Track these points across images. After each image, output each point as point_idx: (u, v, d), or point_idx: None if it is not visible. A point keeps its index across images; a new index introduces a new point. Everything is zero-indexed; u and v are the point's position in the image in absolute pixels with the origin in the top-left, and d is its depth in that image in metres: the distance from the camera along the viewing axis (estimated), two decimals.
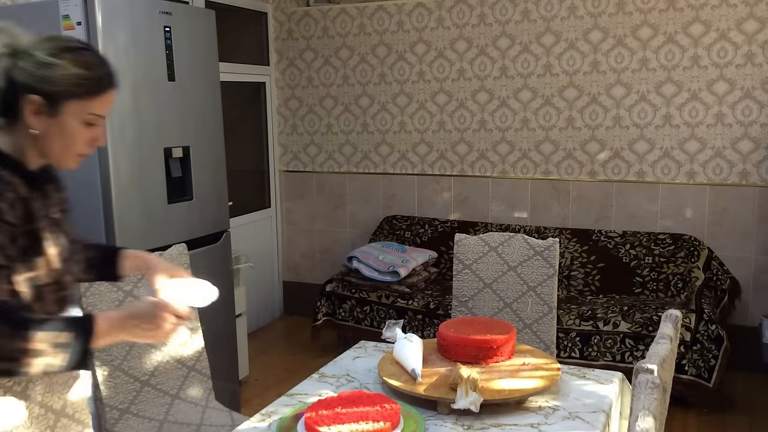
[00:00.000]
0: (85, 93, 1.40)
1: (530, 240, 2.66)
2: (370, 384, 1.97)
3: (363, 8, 4.79)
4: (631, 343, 3.52)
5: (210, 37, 3.27)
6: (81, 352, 1.32)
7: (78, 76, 1.38)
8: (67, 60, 1.38)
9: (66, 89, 1.38)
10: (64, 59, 1.38)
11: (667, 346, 1.64)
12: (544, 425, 1.70)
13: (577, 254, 4.23)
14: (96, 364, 2.10)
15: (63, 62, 1.38)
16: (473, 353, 1.99)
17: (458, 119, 4.65)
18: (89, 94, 1.40)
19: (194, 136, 3.16)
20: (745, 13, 3.90)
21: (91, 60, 1.42)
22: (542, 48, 4.36)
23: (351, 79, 4.90)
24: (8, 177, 1.35)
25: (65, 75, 1.37)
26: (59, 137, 1.41)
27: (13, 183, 1.36)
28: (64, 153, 1.44)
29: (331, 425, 1.55)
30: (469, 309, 2.71)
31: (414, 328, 3.99)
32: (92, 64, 1.41)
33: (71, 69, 1.38)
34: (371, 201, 5.00)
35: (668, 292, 3.95)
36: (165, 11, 2.99)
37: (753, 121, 3.97)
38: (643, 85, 4.16)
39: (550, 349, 2.59)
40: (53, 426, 1.47)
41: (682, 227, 4.18)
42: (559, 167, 4.44)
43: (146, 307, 1.42)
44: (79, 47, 1.42)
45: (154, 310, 1.40)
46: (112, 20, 2.76)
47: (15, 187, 1.36)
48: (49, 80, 1.37)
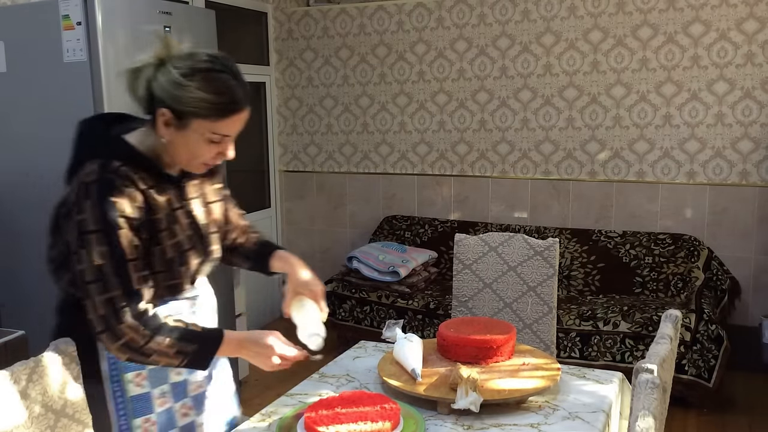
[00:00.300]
0: (210, 116, 1.46)
1: (530, 240, 2.66)
2: (370, 384, 1.97)
3: (363, 8, 4.79)
4: (631, 343, 3.52)
5: (210, 37, 3.27)
6: (201, 361, 1.52)
7: (203, 100, 1.44)
8: (196, 82, 1.43)
9: (192, 110, 1.45)
10: (194, 81, 1.43)
11: (667, 346, 1.64)
12: (544, 425, 1.70)
13: (577, 254, 4.23)
14: None
15: (192, 84, 1.43)
16: (473, 353, 1.98)
17: (458, 119, 4.65)
18: (214, 116, 1.46)
19: None
20: (745, 13, 3.90)
21: (220, 84, 1.45)
22: (542, 48, 4.36)
23: (351, 79, 4.90)
24: (126, 172, 1.46)
25: (192, 97, 1.44)
26: (185, 148, 1.51)
27: (131, 178, 1.47)
28: (189, 161, 1.55)
29: (331, 425, 1.55)
30: (469, 309, 2.71)
31: (414, 328, 3.99)
32: (219, 90, 1.45)
33: (198, 93, 1.43)
34: (371, 201, 5.00)
35: (668, 292, 3.95)
36: (165, 11, 2.99)
37: (753, 121, 3.97)
38: (643, 85, 4.16)
39: (550, 349, 2.59)
40: (53, 426, 1.47)
41: (682, 227, 4.18)
42: (559, 167, 4.44)
43: (264, 339, 1.55)
44: (211, 69, 1.46)
45: (266, 345, 1.54)
46: (112, 20, 2.76)
47: (134, 181, 1.47)
48: (177, 99, 1.44)
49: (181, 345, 1.46)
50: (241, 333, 1.56)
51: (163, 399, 1.63)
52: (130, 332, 1.43)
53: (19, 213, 3.00)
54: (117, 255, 1.44)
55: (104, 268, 1.43)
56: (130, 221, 1.46)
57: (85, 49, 2.73)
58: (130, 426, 1.59)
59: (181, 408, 1.67)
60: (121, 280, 1.44)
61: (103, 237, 1.43)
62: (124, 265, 1.44)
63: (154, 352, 1.45)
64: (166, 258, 1.54)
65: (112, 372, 1.57)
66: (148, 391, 1.60)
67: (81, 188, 1.46)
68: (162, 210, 1.53)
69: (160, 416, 1.62)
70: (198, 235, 1.63)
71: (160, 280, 1.55)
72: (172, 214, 1.56)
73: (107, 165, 1.46)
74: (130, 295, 1.45)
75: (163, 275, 1.55)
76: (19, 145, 2.96)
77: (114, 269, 1.44)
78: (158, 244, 1.52)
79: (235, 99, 1.47)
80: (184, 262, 1.59)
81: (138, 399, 1.59)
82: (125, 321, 1.43)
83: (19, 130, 2.94)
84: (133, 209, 1.46)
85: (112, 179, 1.45)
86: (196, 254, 1.62)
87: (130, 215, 1.45)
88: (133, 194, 1.46)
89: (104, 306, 1.43)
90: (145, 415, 1.60)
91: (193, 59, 1.46)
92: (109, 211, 1.43)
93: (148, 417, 1.61)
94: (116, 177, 1.45)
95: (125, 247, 1.44)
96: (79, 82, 2.77)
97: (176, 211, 1.58)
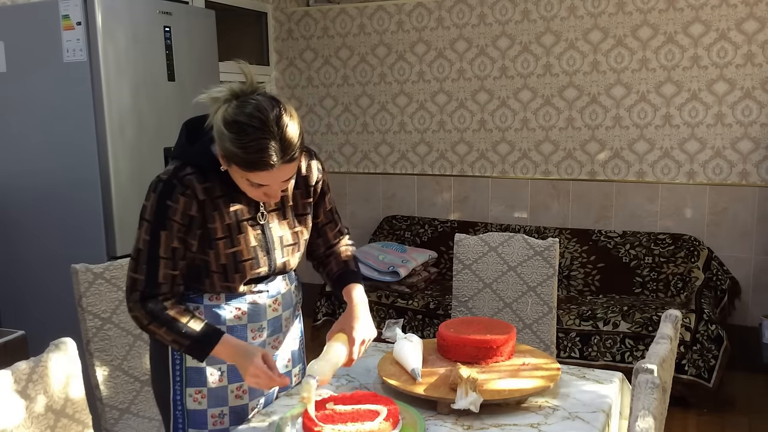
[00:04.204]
0: (240, 166, 1.52)
1: (530, 240, 2.66)
2: (370, 384, 1.97)
3: (363, 8, 4.79)
4: (630, 343, 3.52)
5: (210, 37, 3.27)
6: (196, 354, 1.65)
7: (232, 153, 1.50)
8: (231, 133, 1.49)
9: (225, 156, 1.54)
10: (230, 132, 1.49)
11: (666, 346, 1.64)
12: (543, 425, 1.70)
13: (577, 254, 4.23)
14: (96, 364, 2.10)
15: (227, 134, 1.49)
16: (473, 353, 1.98)
17: (458, 119, 4.65)
18: (243, 168, 1.52)
19: None
20: (745, 13, 3.90)
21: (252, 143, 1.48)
22: (542, 48, 4.36)
23: (351, 79, 4.90)
24: (191, 180, 1.59)
25: (224, 147, 1.51)
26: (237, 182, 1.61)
27: (193, 187, 1.59)
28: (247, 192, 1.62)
29: (330, 425, 1.55)
30: (468, 309, 2.71)
31: (414, 328, 3.99)
32: (250, 148, 1.48)
33: (229, 145, 1.50)
34: (371, 201, 5.00)
35: (668, 292, 3.95)
36: (165, 11, 2.99)
37: (753, 121, 3.98)
38: (643, 85, 4.16)
39: (550, 349, 2.59)
40: (53, 426, 1.47)
41: (681, 227, 4.18)
42: (559, 167, 4.44)
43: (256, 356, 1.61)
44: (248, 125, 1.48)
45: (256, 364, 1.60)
46: (112, 20, 2.76)
47: (195, 191, 1.59)
48: (218, 142, 1.53)
49: (175, 337, 1.63)
50: (239, 343, 1.66)
51: (220, 376, 1.75)
52: (135, 310, 1.64)
53: (19, 213, 3.01)
54: (154, 249, 1.61)
55: (141, 253, 1.62)
56: (177, 225, 1.60)
57: (85, 49, 2.73)
58: (183, 393, 1.73)
59: (237, 390, 1.77)
60: (148, 268, 1.62)
61: (150, 228, 1.61)
62: (156, 259, 1.61)
63: (155, 333, 1.65)
64: (220, 263, 1.66)
65: None
66: (203, 367, 1.73)
67: (155, 181, 1.62)
68: (223, 219, 1.64)
69: (211, 391, 1.74)
70: (264, 248, 1.72)
71: (216, 280, 1.69)
72: (237, 225, 1.66)
73: (180, 170, 1.60)
74: (151, 284, 1.62)
75: (218, 276, 1.68)
76: (19, 145, 2.96)
77: (147, 258, 1.62)
78: (212, 249, 1.65)
79: (263, 159, 1.49)
80: (239, 270, 1.68)
81: (194, 371, 1.73)
82: (134, 300, 1.63)
83: (19, 130, 2.95)
84: (183, 216, 1.60)
85: (175, 185, 1.59)
86: (254, 265, 1.71)
87: (178, 220, 1.60)
88: (189, 203, 1.59)
89: (129, 281, 1.64)
90: (197, 387, 1.73)
91: (241, 108, 1.49)
92: (162, 210, 1.59)
93: (200, 389, 1.73)
94: (179, 184, 1.59)
95: (163, 246, 1.61)
96: (79, 82, 2.77)
97: (244, 222, 1.67)
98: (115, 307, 2.15)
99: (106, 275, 2.14)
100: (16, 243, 3.03)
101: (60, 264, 2.60)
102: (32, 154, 2.93)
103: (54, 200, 2.91)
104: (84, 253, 2.65)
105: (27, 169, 2.96)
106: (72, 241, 2.87)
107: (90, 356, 2.09)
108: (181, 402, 1.73)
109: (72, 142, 2.83)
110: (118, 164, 2.82)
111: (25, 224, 3.00)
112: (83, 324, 2.09)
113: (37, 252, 2.98)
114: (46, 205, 2.93)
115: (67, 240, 2.89)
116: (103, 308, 2.13)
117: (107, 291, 2.15)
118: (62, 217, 2.89)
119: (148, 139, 2.95)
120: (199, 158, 1.62)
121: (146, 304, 1.63)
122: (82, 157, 2.82)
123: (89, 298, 2.11)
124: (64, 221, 2.89)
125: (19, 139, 2.96)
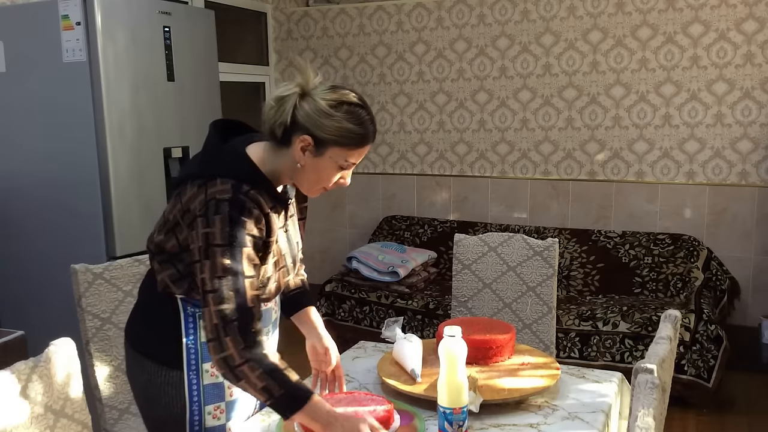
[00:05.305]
0: (350, 144, 1.57)
1: (530, 240, 2.66)
2: (369, 384, 1.97)
3: (362, 8, 4.79)
4: (630, 344, 3.52)
5: (209, 37, 3.27)
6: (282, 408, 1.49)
7: (348, 130, 1.55)
8: (343, 113, 1.54)
9: (335, 138, 1.55)
10: (341, 112, 1.54)
11: (666, 346, 1.64)
12: (543, 425, 1.70)
13: (576, 254, 4.23)
14: (95, 364, 2.10)
15: (339, 115, 1.54)
16: (473, 353, 1.98)
17: (458, 119, 4.65)
18: (352, 145, 1.57)
19: (194, 136, 3.16)
20: (744, 13, 3.90)
21: (363, 118, 1.57)
22: (542, 48, 4.36)
23: (350, 80, 4.90)
24: (255, 195, 1.55)
25: (338, 127, 1.54)
26: (314, 173, 1.61)
27: (259, 201, 1.55)
28: (312, 186, 1.65)
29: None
30: (468, 309, 2.71)
31: (414, 328, 3.99)
32: (363, 122, 1.57)
33: (344, 123, 1.54)
34: (371, 201, 5.00)
35: (667, 292, 3.95)
36: (164, 11, 2.99)
37: (752, 121, 3.98)
38: (643, 85, 4.16)
39: (550, 350, 2.59)
40: (53, 426, 1.47)
41: (681, 227, 4.18)
42: (558, 167, 4.44)
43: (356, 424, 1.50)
44: (355, 103, 1.57)
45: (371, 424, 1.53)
46: (112, 20, 2.76)
47: (261, 204, 1.55)
48: (323, 127, 1.54)
49: (269, 383, 1.47)
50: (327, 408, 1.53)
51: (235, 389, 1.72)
52: (231, 347, 1.46)
53: (18, 213, 3.00)
54: (238, 271, 1.50)
55: (223, 281, 1.48)
56: (255, 241, 1.54)
57: (84, 49, 2.73)
58: (202, 411, 1.69)
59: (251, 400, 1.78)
60: (236, 295, 1.49)
61: (228, 251, 1.49)
62: (242, 282, 1.50)
63: (245, 376, 1.46)
64: (267, 276, 1.64)
65: (191, 360, 1.66)
66: (222, 381, 1.70)
67: (211, 203, 1.52)
68: (274, 231, 1.61)
69: (230, 405, 1.72)
70: (290, 255, 1.76)
71: None
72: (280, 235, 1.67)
73: (239, 187, 1.54)
74: (243, 311, 1.49)
75: None
76: (19, 146, 2.96)
77: (232, 284, 1.49)
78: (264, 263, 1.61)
79: (369, 133, 1.59)
80: (275, 279, 1.68)
81: (211, 387, 1.69)
82: (231, 334, 1.46)
83: (19, 130, 2.95)
84: (258, 230, 1.54)
85: (244, 201, 1.53)
86: (286, 273, 1.74)
87: (255, 235, 1.54)
88: (259, 216, 1.55)
89: (217, 316, 1.47)
90: (216, 403, 1.70)
91: (338, 93, 1.56)
92: (238, 229, 1.50)
93: (218, 405, 1.71)
94: (247, 199, 1.53)
95: (245, 265, 1.51)
96: (79, 82, 2.77)
97: (280, 230, 1.67)
98: (114, 307, 2.15)
99: (106, 275, 2.14)
100: (15, 243, 3.03)
101: (59, 264, 2.60)
102: (32, 154, 2.93)
103: (53, 200, 2.91)
104: (84, 253, 2.65)
105: (26, 169, 2.96)
106: (71, 241, 2.87)
107: (89, 356, 2.09)
108: (199, 422, 1.68)
109: (71, 142, 2.83)
110: (118, 164, 2.82)
111: (24, 224, 2.99)
112: (83, 324, 2.09)
113: (37, 252, 2.98)
114: (46, 205, 2.93)
115: (66, 240, 2.89)
116: (103, 308, 2.13)
117: (107, 291, 2.15)
118: (62, 217, 2.89)
119: (147, 139, 2.95)
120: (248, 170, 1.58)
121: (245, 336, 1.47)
122: (81, 157, 2.82)
123: (89, 298, 2.11)
124: (64, 221, 2.89)
125: (18, 140, 2.95)
